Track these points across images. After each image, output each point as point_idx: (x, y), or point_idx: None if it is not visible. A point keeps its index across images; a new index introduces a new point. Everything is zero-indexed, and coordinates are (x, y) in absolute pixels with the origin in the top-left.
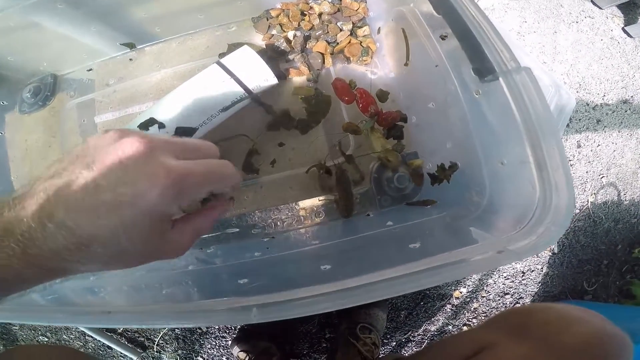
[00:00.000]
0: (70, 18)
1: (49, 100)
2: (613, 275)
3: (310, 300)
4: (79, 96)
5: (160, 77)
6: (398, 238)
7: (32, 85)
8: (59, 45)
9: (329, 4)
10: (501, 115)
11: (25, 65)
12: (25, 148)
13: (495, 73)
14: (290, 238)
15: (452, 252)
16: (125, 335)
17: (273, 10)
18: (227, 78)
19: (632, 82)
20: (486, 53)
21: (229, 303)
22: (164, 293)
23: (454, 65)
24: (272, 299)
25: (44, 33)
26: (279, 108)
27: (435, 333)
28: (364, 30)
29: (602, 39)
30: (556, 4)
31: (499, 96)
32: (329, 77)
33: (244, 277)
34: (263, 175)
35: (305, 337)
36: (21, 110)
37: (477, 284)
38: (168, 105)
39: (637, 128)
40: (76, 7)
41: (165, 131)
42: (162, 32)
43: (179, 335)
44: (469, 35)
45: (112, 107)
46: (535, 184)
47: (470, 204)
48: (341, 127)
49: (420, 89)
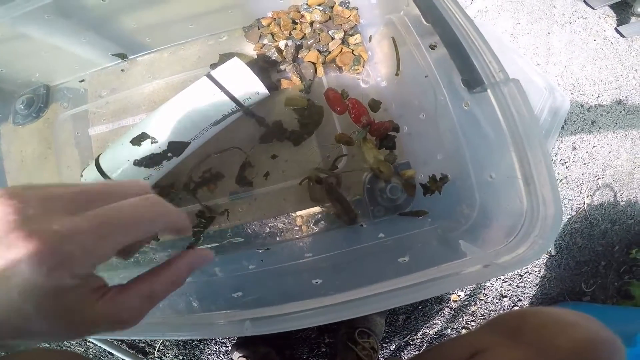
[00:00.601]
0: (61, 28)
1: (43, 112)
2: (611, 277)
3: (301, 314)
4: (72, 107)
5: (152, 88)
6: (389, 250)
7: (25, 96)
8: (49, 56)
9: (320, 12)
10: (489, 128)
11: (16, 76)
12: (21, 159)
13: (484, 85)
14: (285, 249)
15: (441, 267)
16: (126, 341)
17: (264, 19)
18: (217, 91)
19: (626, 83)
20: (475, 64)
21: (225, 316)
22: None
23: (443, 76)
24: (265, 312)
25: (34, 44)
26: (271, 120)
27: (434, 336)
28: (356, 39)
29: (595, 40)
30: (549, 5)
31: (488, 108)
32: (321, 87)
33: (239, 291)
34: (257, 187)
35: (304, 342)
36: (15, 122)
37: (475, 288)
38: (160, 120)
39: (631, 128)
40: (66, 17)
41: (158, 146)
42: (153, 42)
43: (179, 342)
44: (458, 45)
45: (106, 119)
46: (522, 198)
47: (461, 216)
48: (334, 137)
49: (412, 99)
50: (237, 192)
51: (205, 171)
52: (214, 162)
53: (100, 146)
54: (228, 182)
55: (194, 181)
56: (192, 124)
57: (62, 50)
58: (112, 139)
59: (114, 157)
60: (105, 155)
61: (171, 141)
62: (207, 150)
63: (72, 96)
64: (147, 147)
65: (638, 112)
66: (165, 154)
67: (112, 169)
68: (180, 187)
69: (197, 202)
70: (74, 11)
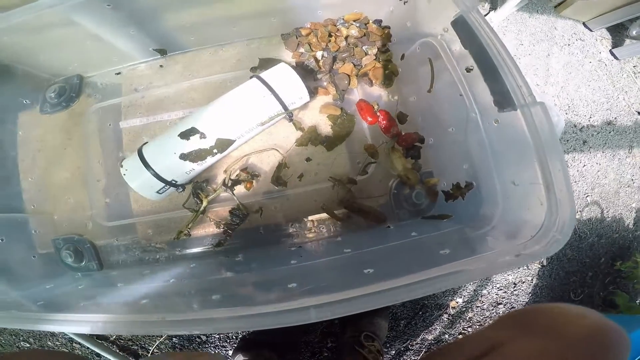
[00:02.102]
0: (111, 19)
1: (73, 102)
2: (597, 286)
3: (364, 298)
4: (105, 99)
5: (190, 86)
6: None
7: (58, 85)
8: (92, 47)
9: (356, 28)
10: (516, 142)
11: (54, 64)
12: (38, 149)
13: (514, 105)
14: (321, 247)
15: (479, 257)
16: (117, 343)
17: (303, 29)
18: (267, 93)
19: (616, 104)
20: (508, 88)
21: (286, 305)
22: (214, 298)
23: (477, 95)
24: (327, 299)
25: (80, 33)
26: (306, 124)
27: (432, 342)
28: (388, 55)
29: (591, 62)
30: (550, 27)
31: (516, 125)
32: (353, 97)
33: (292, 282)
34: (290, 188)
35: (307, 346)
36: (42, 110)
37: (472, 295)
38: (210, 116)
39: (619, 149)
40: (117, 10)
41: (205, 141)
42: (195, 41)
43: (176, 344)
44: (494, 70)
45: (141, 113)
46: (543, 200)
47: (484, 218)
48: (363, 146)
49: (441, 114)
50: (270, 192)
51: (242, 169)
52: (251, 161)
53: (132, 139)
54: (264, 181)
55: (231, 179)
56: (240, 122)
57: (104, 42)
58: (145, 132)
59: (159, 149)
60: (149, 146)
61: (219, 138)
62: (245, 150)
63: (106, 88)
64: (196, 142)
65: (625, 133)
66: (211, 150)
67: (155, 161)
68: (218, 183)
69: (228, 199)
70: (127, 3)
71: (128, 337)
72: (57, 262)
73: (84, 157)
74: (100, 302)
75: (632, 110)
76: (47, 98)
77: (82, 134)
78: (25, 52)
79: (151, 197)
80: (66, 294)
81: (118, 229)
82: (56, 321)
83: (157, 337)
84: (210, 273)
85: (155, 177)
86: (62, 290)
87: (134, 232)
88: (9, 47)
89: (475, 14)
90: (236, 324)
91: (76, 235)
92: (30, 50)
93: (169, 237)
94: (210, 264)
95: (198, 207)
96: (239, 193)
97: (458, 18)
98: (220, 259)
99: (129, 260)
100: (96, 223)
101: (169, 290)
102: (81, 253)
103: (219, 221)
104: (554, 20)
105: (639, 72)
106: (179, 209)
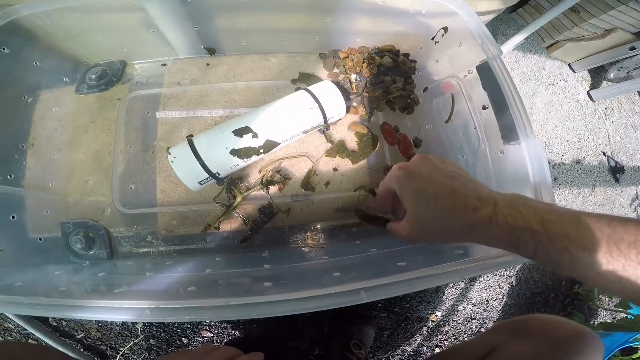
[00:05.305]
0: (177, 11)
1: (112, 86)
2: (558, 307)
3: (406, 283)
4: (144, 88)
5: (233, 87)
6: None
7: (100, 67)
8: (146, 35)
9: (389, 59)
10: (516, 170)
11: (104, 47)
12: (55, 128)
13: (519, 140)
14: (345, 247)
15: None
16: (83, 341)
17: (341, 52)
18: (315, 105)
19: (586, 144)
20: (515, 125)
21: (339, 288)
22: (266, 285)
23: (488, 129)
24: (376, 282)
25: (142, 20)
26: (336, 138)
27: (410, 354)
28: (412, 86)
29: (570, 102)
30: (540, 67)
31: (517, 155)
32: (378, 119)
33: (337, 272)
34: (316, 193)
35: (294, 352)
36: (78, 90)
37: (450, 309)
38: (263, 118)
39: (583, 187)
40: (186, 3)
41: (256, 141)
42: (244, 46)
43: (152, 346)
44: (506, 110)
45: (181, 106)
46: None
47: None
48: (382, 165)
49: (454, 141)
50: (297, 195)
51: (276, 171)
52: (283, 165)
53: (169, 130)
54: (292, 184)
55: (267, 179)
56: (287, 128)
57: (159, 32)
58: (184, 125)
59: (210, 141)
60: (201, 138)
61: (268, 139)
62: (279, 154)
63: (147, 78)
64: (247, 140)
65: (591, 173)
66: (258, 149)
67: (205, 151)
68: (251, 182)
69: (256, 197)
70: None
71: (97, 336)
72: (61, 248)
73: (109, 142)
74: (136, 289)
75: (599, 151)
76: (86, 79)
77: (110, 118)
78: (80, 32)
79: (191, 187)
80: (83, 282)
81: (138, 218)
82: (94, 308)
83: (132, 338)
84: (241, 265)
85: (203, 167)
86: (79, 278)
87: (153, 222)
88: (68, 26)
89: (498, 61)
90: (301, 306)
91: (90, 220)
92: (86, 31)
93: (194, 229)
94: (235, 257)
95: (230, 202)
96: (270, 193)
97: (483, 64)
98: (246, 254)
99: (144, 250)
100: (115, 209)
101: (209, 279)
102: (92, 239)
103: (246, 218)
104: (544, 60)
105: (609, 114)
106: (207, 202)
